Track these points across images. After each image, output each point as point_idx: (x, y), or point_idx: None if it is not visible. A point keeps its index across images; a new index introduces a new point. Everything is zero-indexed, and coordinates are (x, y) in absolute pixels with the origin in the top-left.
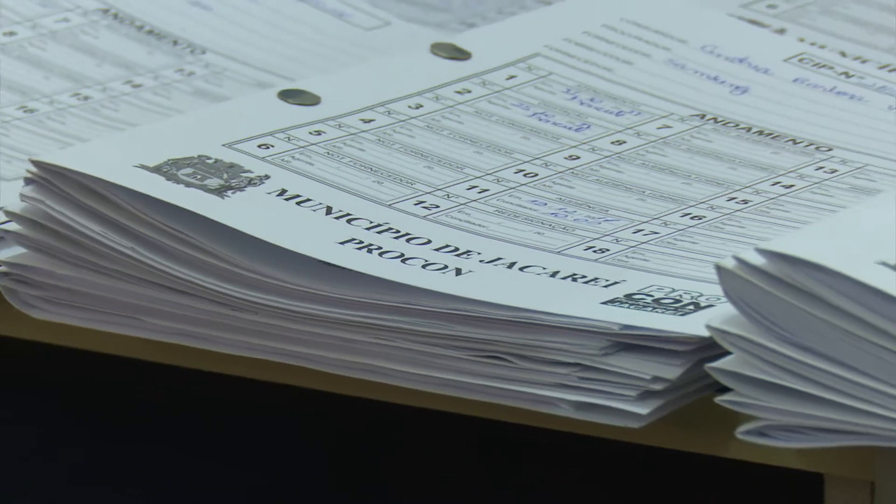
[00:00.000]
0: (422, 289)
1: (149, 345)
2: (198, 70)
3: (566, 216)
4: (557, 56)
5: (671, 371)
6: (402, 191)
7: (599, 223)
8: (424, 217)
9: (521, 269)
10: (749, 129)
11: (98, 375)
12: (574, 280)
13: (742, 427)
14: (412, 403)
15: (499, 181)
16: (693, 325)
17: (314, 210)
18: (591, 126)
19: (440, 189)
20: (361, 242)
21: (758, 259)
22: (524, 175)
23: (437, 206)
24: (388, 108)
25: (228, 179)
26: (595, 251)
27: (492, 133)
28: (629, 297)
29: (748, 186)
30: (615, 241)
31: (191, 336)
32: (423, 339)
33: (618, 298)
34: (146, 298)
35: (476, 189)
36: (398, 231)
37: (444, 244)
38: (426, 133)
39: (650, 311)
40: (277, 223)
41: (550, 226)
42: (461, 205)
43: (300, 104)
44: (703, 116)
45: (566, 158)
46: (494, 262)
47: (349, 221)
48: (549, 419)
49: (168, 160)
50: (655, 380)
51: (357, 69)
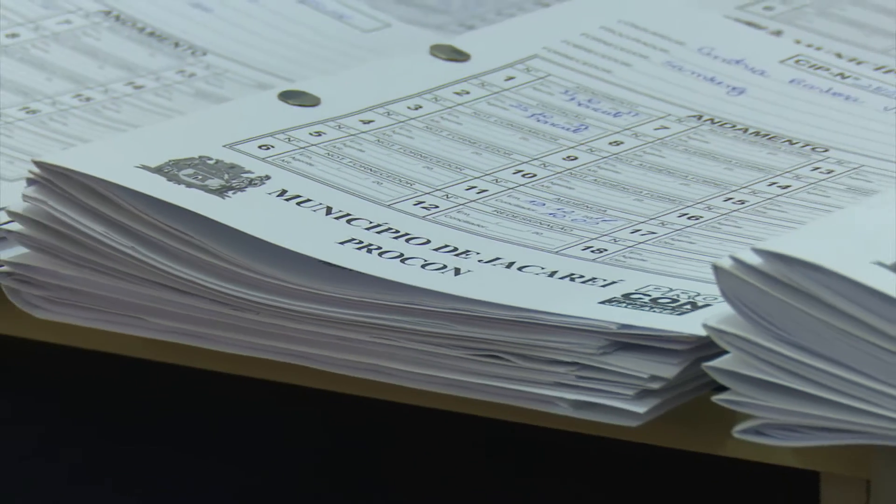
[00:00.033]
0: (422, 288)
1: (151, 344)
2: (199, 71)
3: (564, 216)
4: (556, 57)
5: (668, 370)
6: (402, 191)
7: (597, 223)
8: (424, 217)
9: (520, 269)
10: (746, 130)
11: (100, 375)
12: (572, 280)
13: (739, 426)
14: (413, 402)
15: (497, 182)
16: (690, 325)
17: (314, 210)
18: (589, 127)
19: (439, 189)
20: (361, 242)
21: (754, 259)
22: (523, 175)
23: (437, 207)
24: (388, 110)
25: (229, 180)
26: (593, 251)
27: (490, 134)
28: (627, 297)
29: (745, 187)
30: (613, 241)
31: (192, 335)
32: (425, 339)
33: (615, 298)
34: (148, 298)
35: (475, 189)
36: (398, 231)
37: (444, 244)
38: (425, 134)
39: (648, 311)
40: (278, 223)
41: (549, 226)
42: (460, 205)
43: (300, 105)
44: (700, 117)
45: (564, 159)
46: (493, 262)
47: (349, 221)
48: (548, 418)
49: (169, 161)
50: (653, 379)
51: (357, 71)
